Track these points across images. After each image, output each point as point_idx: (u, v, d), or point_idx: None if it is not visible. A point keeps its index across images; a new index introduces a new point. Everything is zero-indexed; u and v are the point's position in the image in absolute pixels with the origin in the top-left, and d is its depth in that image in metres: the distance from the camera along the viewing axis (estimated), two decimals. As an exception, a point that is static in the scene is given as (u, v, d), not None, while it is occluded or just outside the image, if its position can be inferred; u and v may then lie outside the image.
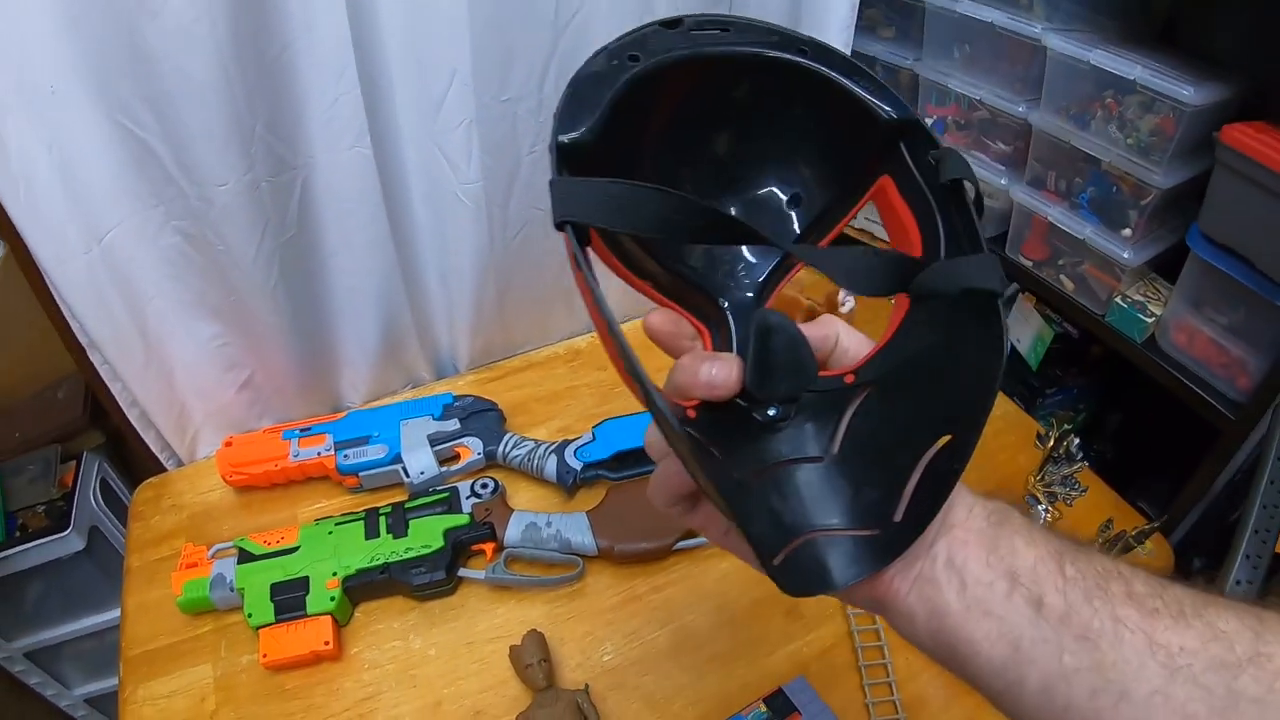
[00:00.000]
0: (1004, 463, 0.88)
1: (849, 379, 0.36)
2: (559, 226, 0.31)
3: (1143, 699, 0.26)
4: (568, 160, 0.33)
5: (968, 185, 0.35)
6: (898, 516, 0.32)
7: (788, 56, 0.37)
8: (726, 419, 0.35)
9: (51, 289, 0.75)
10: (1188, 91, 0.74)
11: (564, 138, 0.33)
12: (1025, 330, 1.05)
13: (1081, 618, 0.28)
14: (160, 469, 0.91)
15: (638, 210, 0.31)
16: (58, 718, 1.13)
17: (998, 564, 0.30)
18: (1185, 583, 0.29)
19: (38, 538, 0.96)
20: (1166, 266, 0.87)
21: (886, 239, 1.18)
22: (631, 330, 0.32)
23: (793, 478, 0.35)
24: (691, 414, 0.35)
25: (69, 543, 0.97)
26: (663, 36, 0.36)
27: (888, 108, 0.37)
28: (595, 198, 0.31)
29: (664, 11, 0.82)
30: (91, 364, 0.81)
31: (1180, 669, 0.26)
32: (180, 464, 0.92)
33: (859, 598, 0.33)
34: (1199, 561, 0.89)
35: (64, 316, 0.78)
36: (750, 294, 0.40)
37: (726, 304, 0.40)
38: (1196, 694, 0.26)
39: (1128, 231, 0.84)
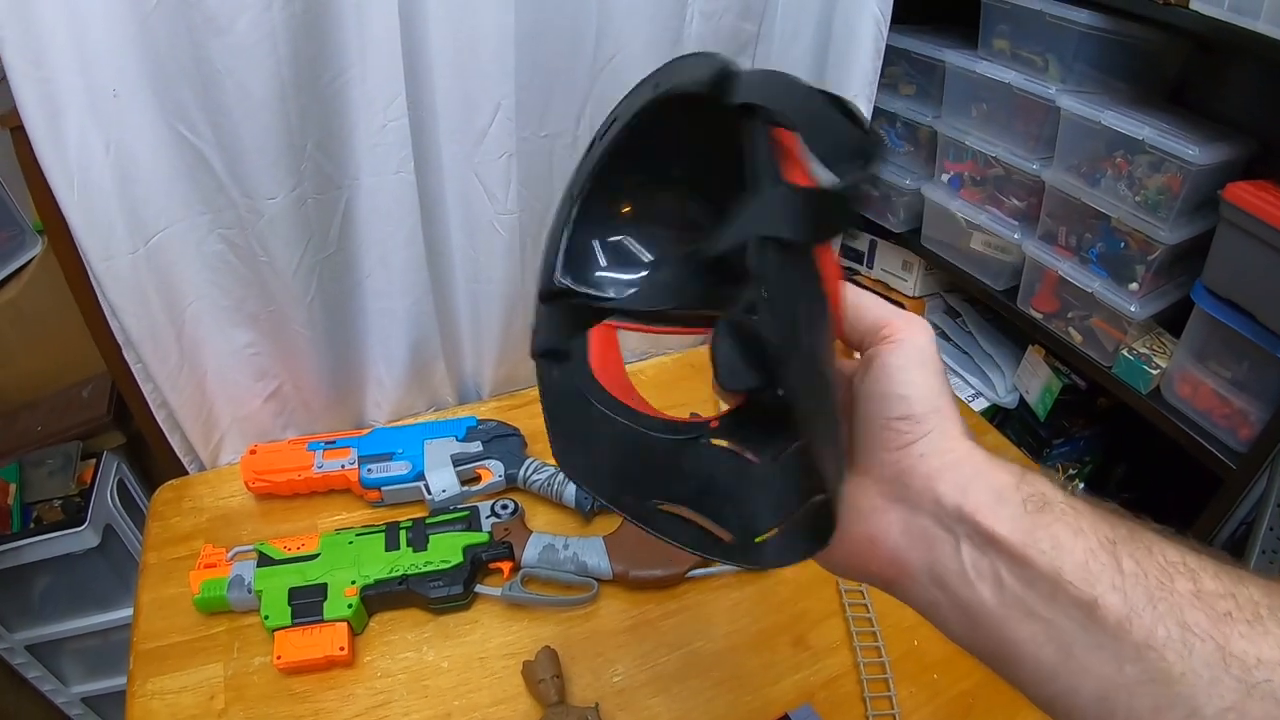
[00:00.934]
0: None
1: None
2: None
3: (1214, 716, 0.23)
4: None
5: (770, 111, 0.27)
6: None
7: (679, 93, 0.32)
8: (748, 417, 0.35)
9: (94, 285, 0.77)
10: (1193, 151, 0.77)
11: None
12: (1034, 381, 1.08)
13: (1143, 622, 0.25)
14: (179, 474, 0.92)
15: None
16: (53, 714, 1.12)
17: (1039, 558, 0.27)
18: (1260, 578, 0.26)
19: (52, 531, 0.96)
20: (1171, 321, 0.90)
21: (907, 291, 1.21)
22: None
23: (801, 457, 0.34)
24: (714, 424, 0.35)
25: (83, 538, 0.97)
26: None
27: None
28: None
29: (694, 51, 0.86)
30: (124, 363, 0.82)
31: (1258, 684, 0.23)
32: (202, 468, 0.93)
33: (874, 575, 0.32)
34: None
35: (99, 315, 0.80)
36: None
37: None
38: (1277, 712, 0.23)
39: (1135, 286, 0.87)
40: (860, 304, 0.33)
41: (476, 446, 0.88)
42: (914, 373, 0.31)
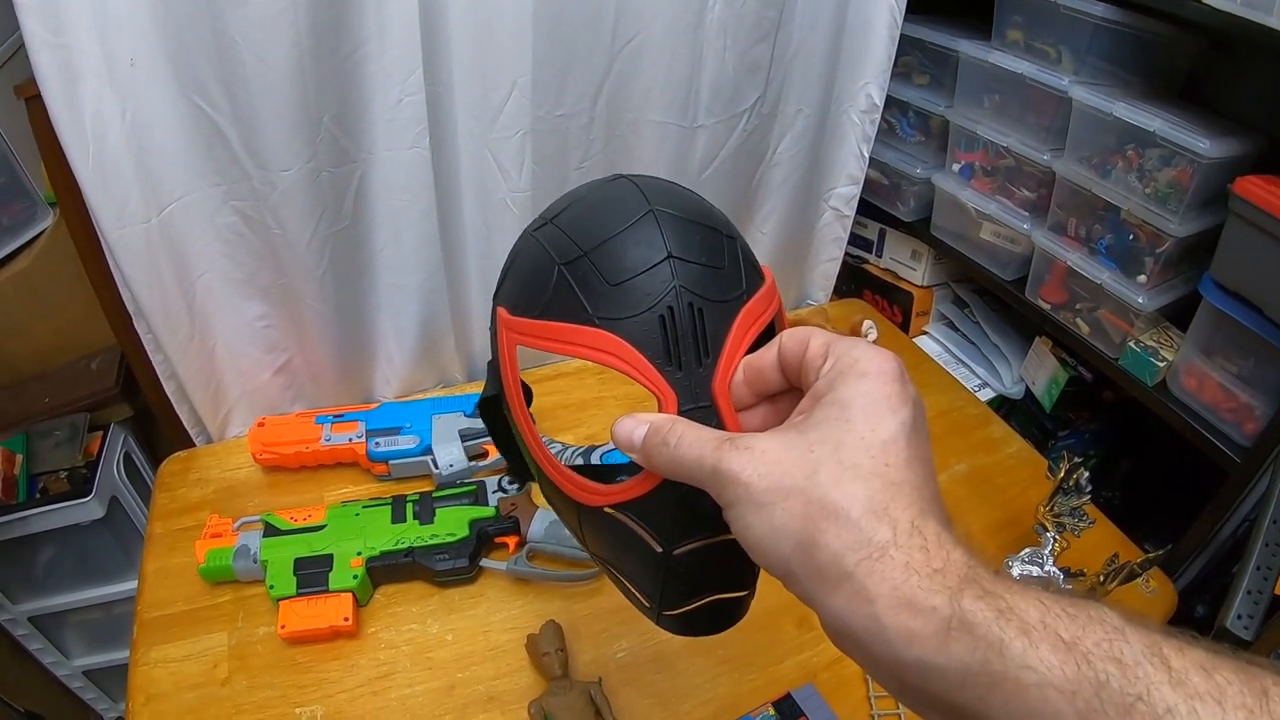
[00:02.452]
0: (1014, 497, 0.90)
1: None
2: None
3: None
4: None
5: None
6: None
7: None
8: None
9: (107, 254, 0.77)
10: (1204, 144, 0.77)
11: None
12: (1040, 372, 1.08)
13: None
14: (186, 448, 0.92)
15: None
16: (54, 686, 1.12)
17: None
18: None
19: (58, 501, 0.97)
20: (1179, 315, 0.90)
21: (915, 280, 1.23)
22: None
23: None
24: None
25: (89, 509, 0.97)
26: None
27: None
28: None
29: (713, 37, 0.86)
30: (134, 333, 0.83)
31: None
32: (210, 441, 0.93)
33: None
34: (1201, 609, 0.90)
35: (110, 286, 0.80)
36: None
37: None
38: None
39: (1143, 278, 0.88)
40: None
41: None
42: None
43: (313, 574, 0.74)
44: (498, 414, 0.42)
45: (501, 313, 0.38)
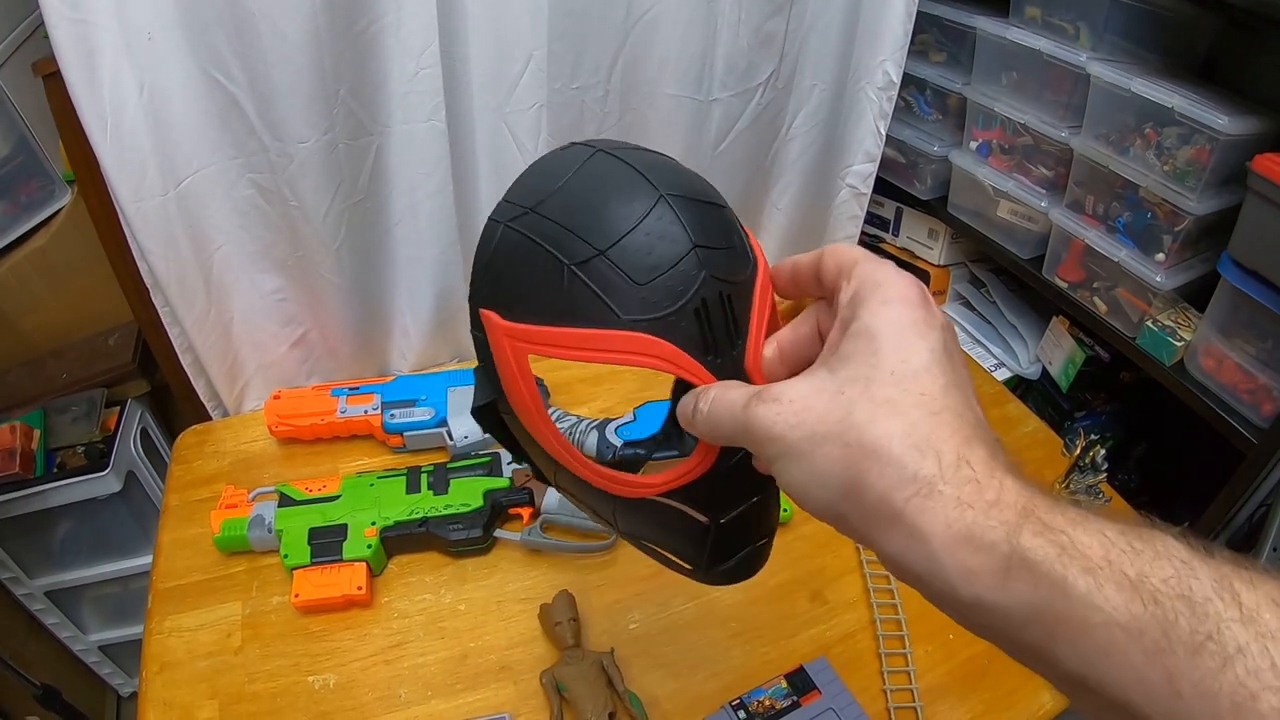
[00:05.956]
0: (1029, 475, 0.90)
1: None
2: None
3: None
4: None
5: None
6: None
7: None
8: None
9: (124, 227, 0.77)
10: (1223, 121, 0.77)
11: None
12: (1057, 352, 1.07)
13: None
14: (202, 422, 0.93)
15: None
16: (70, 660, 1.14)
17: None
18: None
19: (75, 476, 0.97)
20: (1197, 295, 0.89)
21: (932, 259, 1.21)
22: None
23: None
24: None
25: (106, 483, 0.98)
26: None
27: None
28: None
29: (728, 10, 0.86)
30: (151, 307, 0.83)
31: None
32: (226, 414, 0.94)
33: None
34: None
35: (128, 261, 0.80)
36: None
37: None
38: None
39: (1161, 256, 0.87)
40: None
41: (499, 395, 0.88)
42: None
43: (327, 543, 0.74)
44: (495, 418, 0.41)
45: (494, 318, 0.34)
